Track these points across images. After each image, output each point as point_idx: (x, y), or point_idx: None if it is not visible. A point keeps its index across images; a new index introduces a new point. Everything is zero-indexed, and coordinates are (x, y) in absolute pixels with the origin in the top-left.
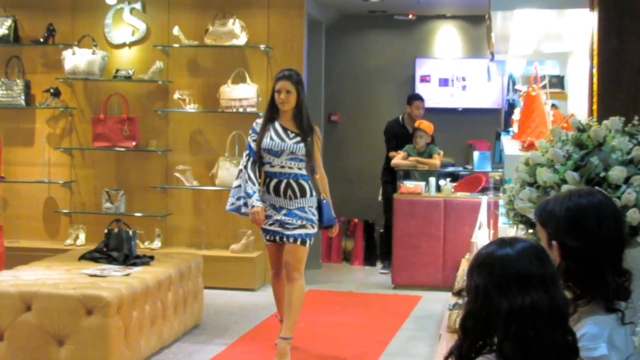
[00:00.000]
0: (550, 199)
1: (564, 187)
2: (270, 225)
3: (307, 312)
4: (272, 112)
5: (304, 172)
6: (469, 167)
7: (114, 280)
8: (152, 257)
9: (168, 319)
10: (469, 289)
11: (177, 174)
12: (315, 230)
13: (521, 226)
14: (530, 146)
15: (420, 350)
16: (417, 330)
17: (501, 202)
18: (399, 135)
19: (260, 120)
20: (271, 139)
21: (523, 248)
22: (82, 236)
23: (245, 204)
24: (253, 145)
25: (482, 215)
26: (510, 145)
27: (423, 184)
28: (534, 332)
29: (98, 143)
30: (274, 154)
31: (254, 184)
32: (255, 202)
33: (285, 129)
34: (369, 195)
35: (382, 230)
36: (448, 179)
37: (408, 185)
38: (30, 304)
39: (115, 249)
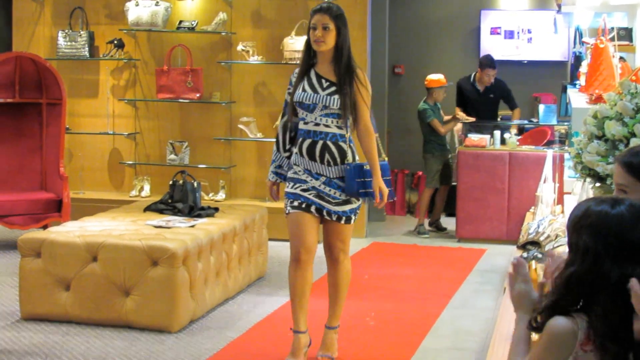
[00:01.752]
0: None
1: (633, 141)
2: (304, 191)
3: (371, 265)
4: (310, 57)
5: (344, 132)
6: (535, 120)
7: (179, 231)
8: (216, 209)
9: (232, 270)
10: (576, 248)
11: (240, 126)
12: (361, 202)
13: (589, 179)
14: (598, 99)
15: (484, 304)
16: (481, 284)
17: (567, 155)
18: (469, 95)
19: (298, 70)
20: (303, 90)
21: (635, 211)
22: (146, 187)
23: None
24: (288, 98)
25: (548, 169)
26: (577, 98)
27: (488, 136)
28: None
29: (162, 95)
30: (305, 108)
31: (278, 149)
32: (270, 174)
33: (319, 77)
34: None
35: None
36: (513, 132)
37: (473, 138)
38: (96, 254)
39: (180, 201)
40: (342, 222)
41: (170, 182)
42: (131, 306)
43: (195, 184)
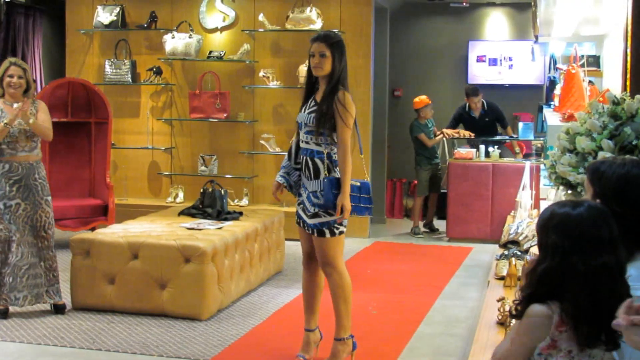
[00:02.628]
0: (605, 162)
1: (600, 154)
2: (298, 205)
3: (373, 262)
4: (311, 82)
5: (320, 148)
6: (515, 135)
7: (209, 232)
8: (241, 213)
9: (254, 266)
10: (545, 246)
11: (262, 142)
12: (334, 216)
13: (561, 187)
14: (570, 117)
15: (471, 295)
16: (468, 277)
17: (542, 166)
18: (466, 122)
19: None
20: (301, 110)
21: (593, 211)
22: (180, 195)
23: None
24: None
25: (526, 178)
26: (552, 117)
27: (474, 150)
28: (605, 289)
29: (194, 114)
30: (299, 128)
31: (289, 159)
32: (278, 176)
33: (314, 100)
34: None
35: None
36: (496, 146)
37: (461, 151)
38: (137, 253)
39: (209, 206)
40: (315, 234)
41: (201, 190)
42: (167, 297)
43: (223, 192)
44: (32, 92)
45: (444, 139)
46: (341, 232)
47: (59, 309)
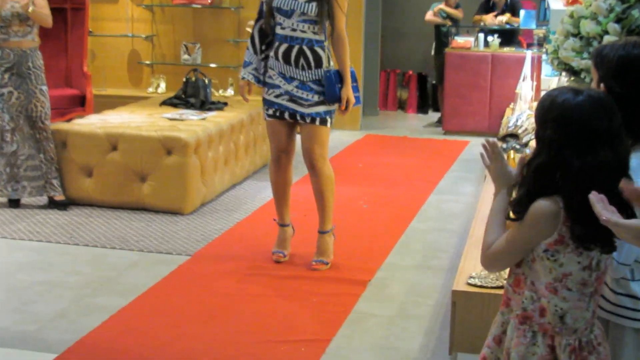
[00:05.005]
0: (608, 45)
1: (606, 38)
2: (277, 97)
3: (365, 155)
4: None
5: (320, 37)
6: (516, 24)
7: (192, 123)
8: (225, 104)
9: (240, 158)
10: (542, 139)
11: (248, 29)
12: (336, 106)
13: (564, 74)
14: (575, 1)
15: (466, 190)
16: (464, 172)
17: (544, 56)
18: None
19: None
20: None
21: (594, 101)
22: (162, 85)
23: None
24: (264, 3)
25: (527, 69)
26: (556, 2)
27: (472, 39)
28: (600, 186)
29: (177, 0)
30: (284, 14)
31: (254, 52)
32: (245, 73)
33: None
34: (423, 49)
35: (434, 82)
36: (495, 35)
37: (458, 40)
38: (116, 144)
39: (192, 96)
40: (317, 123)
41: (184, 80)
42: (148, 191)
43: (207, 81)
44: None
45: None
46: (331, 124)
47: (58, 205)
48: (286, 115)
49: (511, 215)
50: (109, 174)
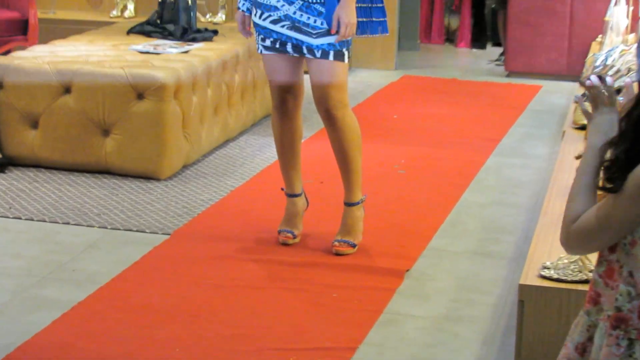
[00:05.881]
0: None
1: None
2: (275, 22)
3: (401, 103)
4: None
5: None
6: None
7: (170, 58)
8: (215, 32)
9: (234, 106)
10: None
11: None
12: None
13: None
14: None
15: (537, 151)
16: (534, 127)
17: None
18: None
19: None
20: None
21: None
22: (130, 6)
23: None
24: None
25: None
26: None
27: None
28: None
29: None
30: None
31: None
32: (241, 2)
33: None
34: None
35: (493, 6)
36: None
37: None
38: (69, 85)
39: (170, 22)
40: (331, 57)
41: (159, 0)
42: (112, 147)
43: (190, 2)
44: None
45: None
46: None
47: None
48: (289, 47)
49: (604, 183)
50: (59, 125)
